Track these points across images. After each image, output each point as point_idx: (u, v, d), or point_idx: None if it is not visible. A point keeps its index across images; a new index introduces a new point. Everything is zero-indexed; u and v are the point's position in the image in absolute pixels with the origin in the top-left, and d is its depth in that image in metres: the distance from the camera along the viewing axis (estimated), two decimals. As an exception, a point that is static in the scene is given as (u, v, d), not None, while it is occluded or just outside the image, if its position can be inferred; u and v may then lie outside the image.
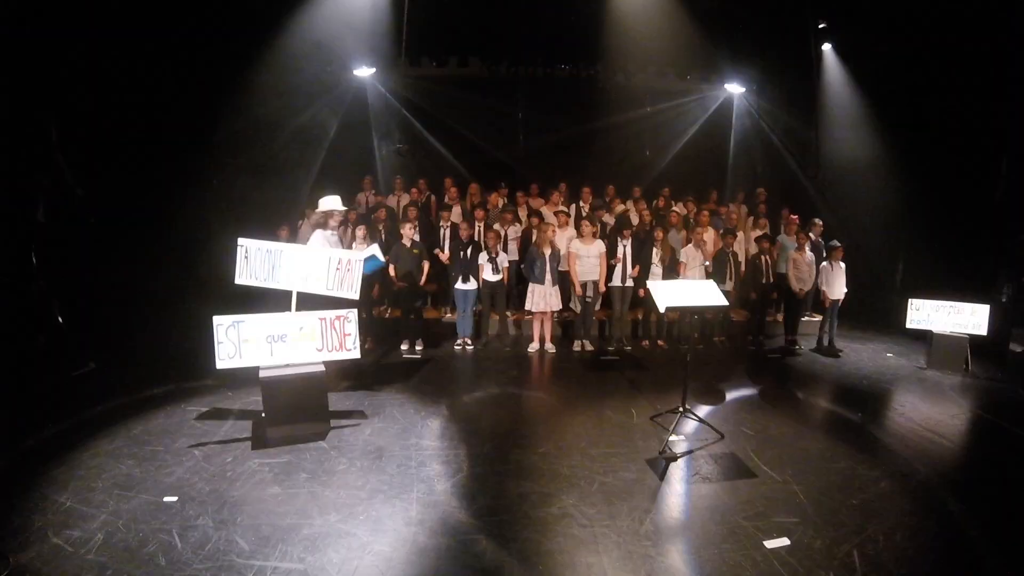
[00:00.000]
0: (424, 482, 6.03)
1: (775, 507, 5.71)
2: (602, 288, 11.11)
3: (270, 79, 13.10)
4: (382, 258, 9.45)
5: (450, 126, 15.99)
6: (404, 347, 10.92)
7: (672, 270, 11.26)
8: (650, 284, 7.48)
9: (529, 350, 11.11)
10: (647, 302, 10.96)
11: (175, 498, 5.61)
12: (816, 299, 12.14)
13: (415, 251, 10.71)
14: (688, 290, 7.56)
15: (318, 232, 8.83)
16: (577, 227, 11.38)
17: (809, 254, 11.83)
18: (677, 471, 6.44)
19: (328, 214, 9.00)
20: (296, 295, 7.56)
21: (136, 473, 6.07)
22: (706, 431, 7.43)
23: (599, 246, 10.95)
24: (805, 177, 15.69)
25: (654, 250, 11.24)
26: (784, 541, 5.16)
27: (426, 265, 10.85)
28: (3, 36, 8.96)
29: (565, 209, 12.79)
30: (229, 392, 8.40)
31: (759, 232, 12.89)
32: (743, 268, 12.08)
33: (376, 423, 7.50)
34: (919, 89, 12.97)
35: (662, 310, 7.20)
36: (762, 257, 11.82)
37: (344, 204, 9.17)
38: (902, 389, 9.60)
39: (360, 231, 10.76)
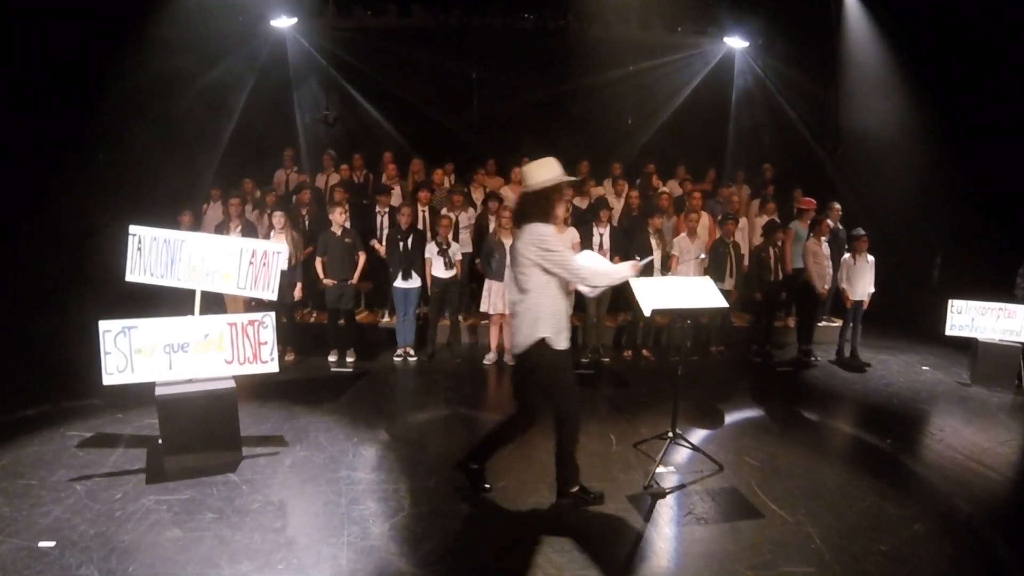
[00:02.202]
0: (357, 523, 6.02)
1: (785, 554, 5.66)
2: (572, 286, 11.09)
3: (168, 32, 12.96)
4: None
5: (389, 89, 16.06)
6: (332, 359, 11.02)
7: (664, 265, 11.35)
8: (632, 282, 7.18)
9: (485, 362, 11.20)
10: (630, 304, 10.98)
11: (52, 543, 5.55)
12: (836, 300, 12.23)
13: (347, 241, 10.77)
14: (679, 289, 7.44)
15: (536, 229, 5.99)
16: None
17: (825, 245, 11.80)
18: (666, 510, 6.44)
19: (556, 194, 6.24)
20: (201, 295, 7.58)
21: (5, 512, 6.04)
22: (701, 461, 7.41)
23: (572, 235, 10.88)
24: (822, 151, 15.76)
25: (652, 242, 11.23)
26: (797, 594, 5.18)
27: (360, 258, 10.91)
28: None
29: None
30: (119, 414, 8.38)
31: (766, 218, 12.86)
32: (746, 262, 12.11)
33: (298, 451, 7.53)
34: (960, 45, 12.85)
35: (647, 313, 7.11)
36: (769, 249, 11.82)
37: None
38: (940, 409, 9.70)
39: (277, 219, 10.75)
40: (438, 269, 11.09)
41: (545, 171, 6.15)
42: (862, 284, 11.60)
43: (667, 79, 17.20)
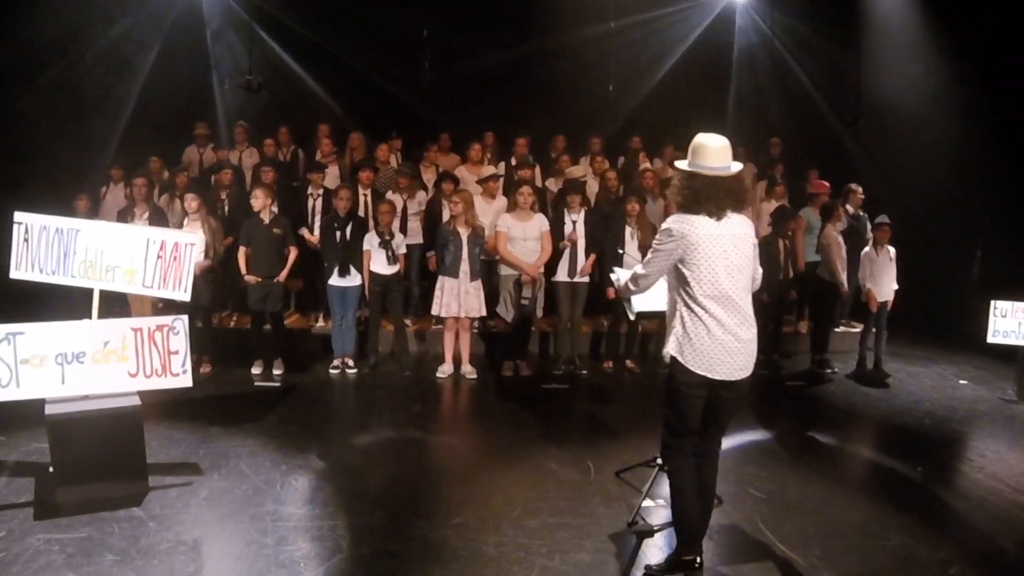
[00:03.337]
0: (286, 567, 5.97)
1: (798, 604, 5.69)
2: (526, 277, 10.97)
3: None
4: None
5: (323, 49, 16.06)
6: (256, 371, 11.07)
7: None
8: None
9: (438, 375, 11.23)
10: (613, 306, 11.12)
11: (-77, 591, 5.56)
12: (857, 302, 12.29)
13: (275, 230, 10.76)
14: (670, 289, 7.49)
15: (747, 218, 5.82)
16: (508, 195, 11.45)
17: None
18: (654, 551, 6.34)
19: (738, 186, 5.72)
20: (100, 295, 7.56)
21: None
22: (696, 492, 7.49)
23: (540, 223, 10.96)
24: (839, 124, 15.82)
25: (627, 230, 11.14)
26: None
27: (291, 252, 10.94)
28: None
29: (495, 170, 12.79)
30: (1, 436, 8.36)
31: (774, 204, 13.04)
32: (749, 257, 12.11)
33: (215, 481, 7.52)
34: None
35: (632, 317, 7.20)
36: (779, 241, 11.80)
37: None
38: (982, 431, 9.75)
39: (191, 203, 10.70)
40: (379, 264, 11.06)
41: (728, 157, 5.54)
42: (885, 282, 11.49)
43: (655, 38, 17.25)
